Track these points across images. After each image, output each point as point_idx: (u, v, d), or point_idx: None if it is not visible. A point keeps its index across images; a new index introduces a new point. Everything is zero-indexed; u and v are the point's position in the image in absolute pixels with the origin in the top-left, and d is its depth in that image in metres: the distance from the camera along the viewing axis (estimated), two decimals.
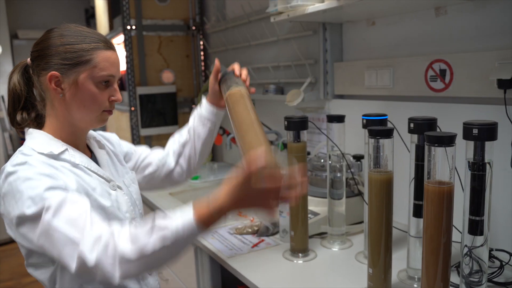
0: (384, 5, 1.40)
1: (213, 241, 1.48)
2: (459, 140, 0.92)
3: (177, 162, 1.31)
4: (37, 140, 0.96)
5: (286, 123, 1.31)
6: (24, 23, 4.84)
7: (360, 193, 1.53)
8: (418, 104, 1.47)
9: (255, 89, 1.23)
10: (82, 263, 0.79)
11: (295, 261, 1.31)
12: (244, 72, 1.22)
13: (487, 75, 1.23)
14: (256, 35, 2.29)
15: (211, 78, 1.23)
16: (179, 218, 0.80)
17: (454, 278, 1.09)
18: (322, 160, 1.61)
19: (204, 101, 1.29)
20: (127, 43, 2.66)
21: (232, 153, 2.71)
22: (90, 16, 4.65)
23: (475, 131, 0.92)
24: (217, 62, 1.21)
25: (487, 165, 0.95)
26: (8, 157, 4.23)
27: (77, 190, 0.91)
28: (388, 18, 1.58)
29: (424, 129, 1.07)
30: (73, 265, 0.80)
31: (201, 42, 2.88)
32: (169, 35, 2.81)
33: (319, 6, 1.43)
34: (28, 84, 1.01)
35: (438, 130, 1.10)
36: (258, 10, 2.21)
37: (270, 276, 1.22)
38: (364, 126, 1.23)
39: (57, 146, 0.96)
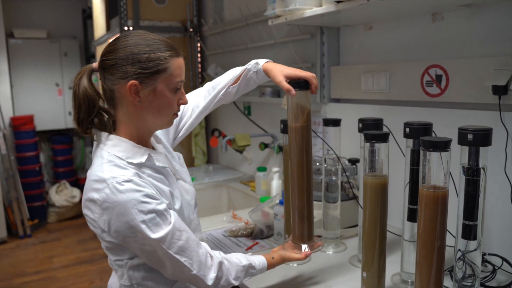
0: (381, 10, 1.41)
1: (207, 243, 1.47)
2: (454, 145, 0.93)
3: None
4: (121, 148, 0.99)
5: (282, 126, 1.31)
6: (20, 22, 4.82)
7: (355, 197, 1.53)
8: (414, 109, 1.48)
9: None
10: (200, 282, 0.99)
11: (289, 264, 1.31)
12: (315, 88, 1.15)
13: (483, 81, 1.24)
14: (253, 38, 2.30)
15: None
16: (259, 260, 1.10)
17: (447, 282, 1.10)
18: (317, 164, 1.62)
19: (261, 70, 1.20)
20: None
21: (227, 155, 2.71)
22: (87, 17, 4.63)
23: (470, 136, 0.93)
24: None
25: (482, 170, 0.96)
26: (2, 156, 4.19)
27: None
28: (385, 23, 1.60)
29: (419, 134, 1.07)
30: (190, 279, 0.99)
31: (198, 44, 2.88)
32: (167, 36, 2.80)
33: (316, 10, 1.43)
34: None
35: (433, 135, 1.11)
36: (256, 13, 2.21)
37: (264, 279, 1.22)
38: (360, 130, 1.24)
39: (141, 153, 1.00)
